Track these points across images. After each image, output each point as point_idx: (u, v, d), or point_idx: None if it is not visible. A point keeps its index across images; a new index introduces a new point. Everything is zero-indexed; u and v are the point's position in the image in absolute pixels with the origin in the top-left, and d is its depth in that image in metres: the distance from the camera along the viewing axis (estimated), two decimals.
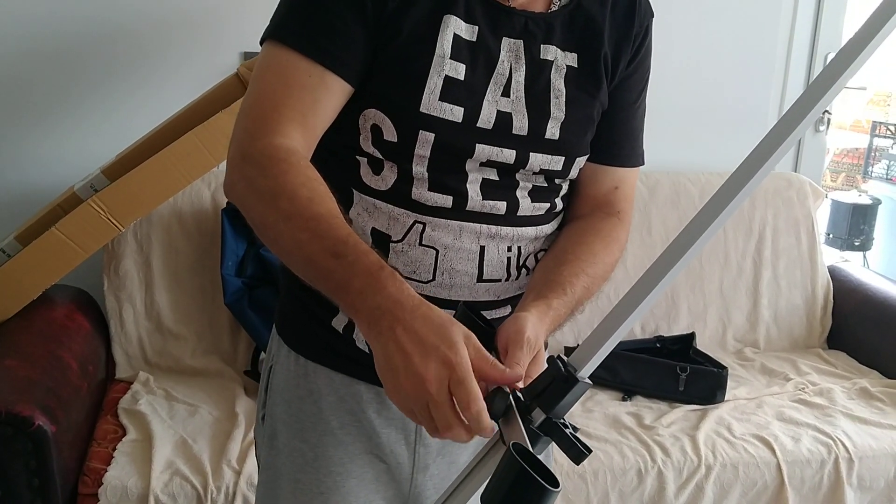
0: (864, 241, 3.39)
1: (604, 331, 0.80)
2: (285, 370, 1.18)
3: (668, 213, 2.67)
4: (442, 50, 1.02)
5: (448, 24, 1.03)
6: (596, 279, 1.10)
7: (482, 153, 1.06)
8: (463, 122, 1.04)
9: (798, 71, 2.95)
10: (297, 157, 0.97)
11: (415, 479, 1.18)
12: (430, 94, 1.02)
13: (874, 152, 3.84)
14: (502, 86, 1.06)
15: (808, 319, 2.77)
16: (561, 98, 1.08)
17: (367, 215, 1.09)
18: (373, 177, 1.08)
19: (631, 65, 1.14)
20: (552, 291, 1.04)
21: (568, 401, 0.80)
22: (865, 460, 2.10)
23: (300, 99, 1.01)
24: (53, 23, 2.36)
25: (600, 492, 2.01)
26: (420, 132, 1.03)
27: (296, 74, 1.01)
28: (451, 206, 1.07)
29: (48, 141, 2.44)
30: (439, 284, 1.09)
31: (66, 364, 1.97)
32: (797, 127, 0.74)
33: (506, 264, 1.11)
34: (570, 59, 1.09)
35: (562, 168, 1.11)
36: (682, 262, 0.76)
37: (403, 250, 1.08)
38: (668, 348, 2.55)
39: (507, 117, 1.06)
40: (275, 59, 1.03)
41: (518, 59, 1.06)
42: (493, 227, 1.09)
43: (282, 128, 0.99)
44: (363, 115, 1.05)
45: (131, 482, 1.83)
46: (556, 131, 1.08)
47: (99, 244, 2.07)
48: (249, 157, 0.98)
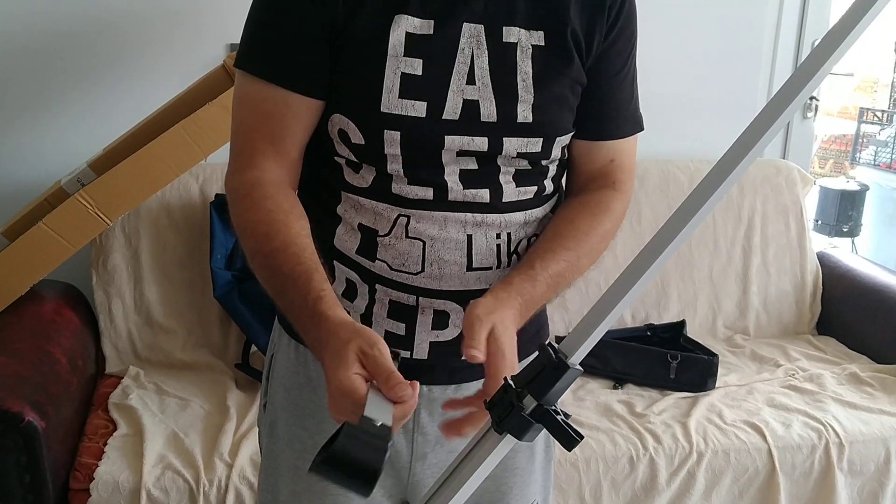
0: (853, 228, 3.41)
1: (594, 317, 0.80)
2: (286, 358, 1.20)
3: (657, 201, 2.67)
4: (394, 49, 1.03)
5: (399, 24, 1.03)
6: (581, 253, 1.10)
7: (453, 144, 1.05)
8: (427, 117, 1.04)
9: (786, 58, 2.95)
10: (262, 190, 1.04)
11: (413, 467, 1.18)
12: (389, 94, 1.03)
13: (862, 139, 3.86)
14: (466, 74, 1.05)
15: (798, 306, 2.78)
16: (528, 80, 1.06)
17: (355, 212, 1.10)
18: (354, 175, 1.09)
19: (609, 36, 1.11)
20: (517, 271, 1.05)
21: (559, 387, 0.80)
22: (856, 445, 2.12)
23: (268, 127, 1.06)
24: (38, 18, 2.34)
25: (592, 480, 2.01)
26: (385, 132, 1.04)
27: (261, 103, 1.07)
28: (432, 197, 1.07)
29: (34, 135, 2.42)
30: (429, 275, 1.09)
31: (55, 359, 1.96)
32: (783, 112, 0.74)
33: (495, 252, 1.11)
34: (536, 38, 1.07)
35: (541, 150, 1.10)
36: (670, 249, 0.77)
37: (391, 244, 1.09)
38: (658, 336, 2.56)
39: (474, 105, 1.05)
40: (243, 88, 1.09)
41: (479, 44, 1.05)
42: (479, 216, 1.09)
43: (255, 161, 1.06)
44: (330, 122, 1.07)
45: (123, 477, 1.83)
46: (528, 114, 1.07)
47: (87, 238, 2.06)
48: (230, 192, 1.07)
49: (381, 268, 1.10)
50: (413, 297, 1.10)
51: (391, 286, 1.10)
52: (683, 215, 0.76)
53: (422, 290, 1.10)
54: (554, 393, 0.80)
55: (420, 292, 1.10)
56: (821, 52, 0.74)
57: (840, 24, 0.74)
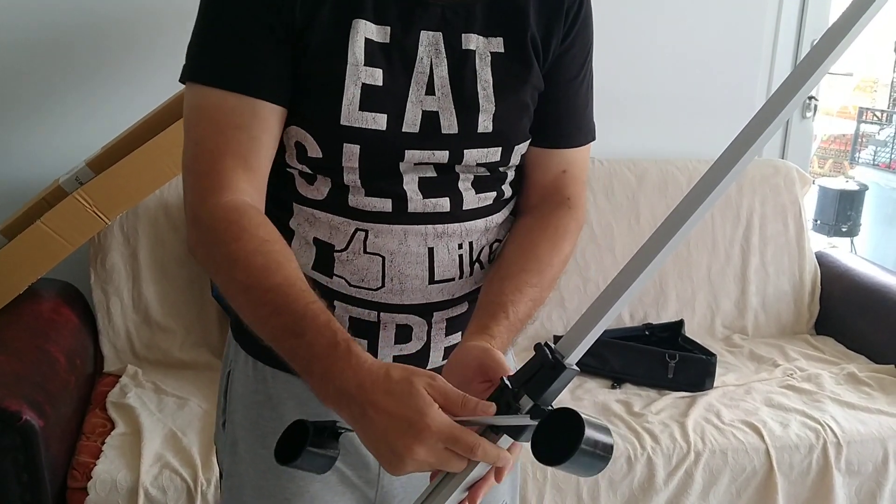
0: (852, 227, 3.41)
1: (591, 317, 0.80)
2: (244, 376, 1.15)
3: (656, 200, 2.67)
4: (354, 58, 0.98)
5: (358, 30, 0.98)
6: (544, 287, 1.07)
7: (413, 157, 1.02)
8: (388, 130, 1.00)
9: (785, 57, 2.95)
10: (249, 217, 0.95)
11: (381, 480, 1.15)
12: (349, 106, 0.98)
13: (861, 138, 3.86)
14: (425, 84, 1.01)
15: (796, 305, 2.78)
16: (489, 88, 1.03)
17: (309, 225, 1.06)
18: (308, 187, 1.05)
19: (566, 41, 1.09)
20: (493, 319, 1.00)
21: (556, 387, 0.80)
22: (853, 445, 2.12)
23: (237, 142, 0.97)
24: (37, 17, 2.34)
25: (590, 480, 2.01)
26: (344, 145, 1.00)
27: (226, 115, 0.98)
28: (391, 209, 1.03)
29: (33, 133, 2.42)
30: (390, 291, 1.06)
31: (53, 358, 1.96)
32: (782, 112, 0.74)
33: (457, 262, 1.07)
34: (496, 45, 1.04)
35: (500, 158, 1.07)
36: (668, 248, 0.77)
37: (349, 259, 1.05)
38: (656, 336, 2.56)
39: (433, 117, 1.02)
40: (201, 101, 0.99)
41: (438, 52, 1.01)
42: (439, 227, 1.05)
43: (226, 181, 0.96)
44: (286, 133, 1.02)
45: (121, 475, 1.83)
46: (488, 124, 1.04)
47: (85, 237, 2.05)
48: (201, 220, 0.96)
49: (339, 284, 1.06)
50: (374, 312, 1.07)
51: (350, 302, 1.06)
52: (682, 214, 0.76)
53: (383, 306, 1.06)
54: (551, 393, 0.80)
55: (381, 308, 1.06)
56: (820, 51, 0.74)
57: (839, 22, 0.74)
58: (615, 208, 2.64)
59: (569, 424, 0.76)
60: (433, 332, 1.10)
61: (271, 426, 1.12)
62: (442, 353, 1.11)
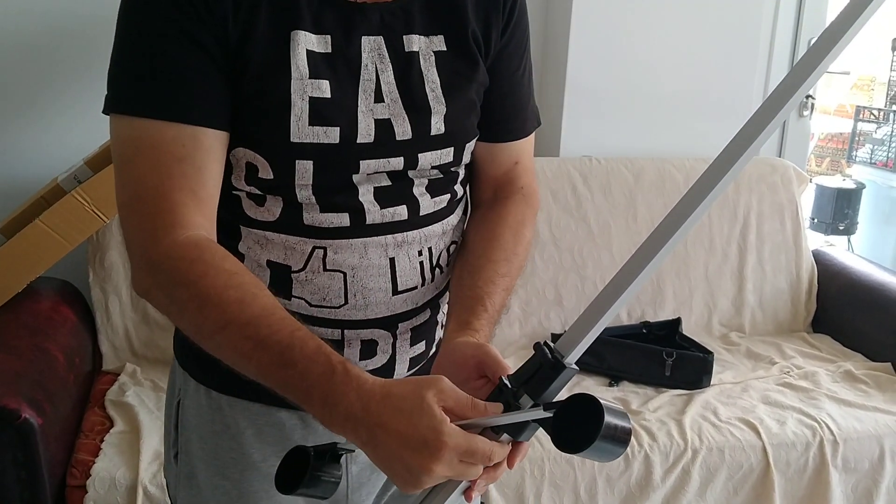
0: (849, 226, 3.42)
1: (590, 317, 0.81)
2: (196, 405, 1.10)
3: (653, 199, 2.67)
4: (298, 71, 0.94)
5: (298, 41, 0.94)
6: (513, 275, 1.07)
7: (368, 167, 0.99)
8: (341, 143, 0.96)
9: (782, 56, 2.96)
10: (211, 252, 0.89)
11: (350, 499, 1.13)
12: (298, 121, 0.94)
13: (858, 137, 3.87)
14: (373, 91, 0.98)
15: (793, 303, 2.78)
16: (437, 90, 1.01)
17: (260, 248, 1.01)
18: (257, 209, 1.00)
19: (505, 33, 1.08)
20: (473, 314, 1.00)
21: (555, 387, 0.80)
22: (850, 442, 2.12)
23: (182, 175, 0.91)
24: (35, 15, 2.34)
25: (587, 477, 2.02)
26: (297, 162, 0.96)
27: (167, 148, 0.91)
28: (349, 223, 1.00)
29: (31, 132, 2.41)
30: (353, 307, 1.03)
31: (52, 356, 1.96)
32: (780, 111, 0.74)
33: (419, 270, 1.06)
34: (437, 44, 1.02)
35: (453, 158, 1.06)
36: (667, 248, 0.77)
37: (308, 279, 1.01)
38: (654, 334, 2.56)
39: (386, 125, 0.99)
40: (135, 134, 0.92)
41: (382, 57, 0.99)
42: (399, 236, 1.03)
43: (178, 218, 0.90)
44: (233, 154, 0.97)
45: (119, 473, 1.83)
46: (441, 125, 1.02)
47: (84, 236, 2.05)
48: (157, 264, 0.89)
49: (298, 305, 1.02)
50: (337, 330, 1.04)
51: (312, 322, 1.01)
52: (680, 214, 0.76)
53: (346, 323, 1.04)
54: (550, 392, 0.81)
55: (344, 325, 1.04)
56: (817, 50, 0.75)
57: (836, 22, 0.75)
58: (612, 207, 2.64)
59: (589, 411, 0.76)
60: (398, 344, 1.08)
61: (230, 456, 1.09)
62: (407, 364, 1.10)
